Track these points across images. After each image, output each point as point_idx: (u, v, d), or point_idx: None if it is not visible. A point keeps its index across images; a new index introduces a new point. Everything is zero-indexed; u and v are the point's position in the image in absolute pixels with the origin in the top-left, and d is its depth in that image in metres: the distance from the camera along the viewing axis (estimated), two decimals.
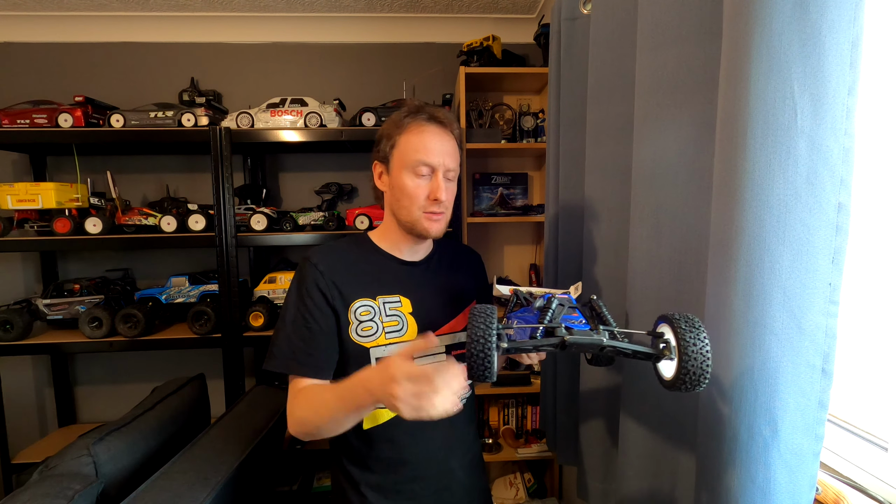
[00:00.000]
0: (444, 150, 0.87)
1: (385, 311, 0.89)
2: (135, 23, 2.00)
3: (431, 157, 0.86)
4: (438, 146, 0.87)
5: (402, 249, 0.95)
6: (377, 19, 2.06)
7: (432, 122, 0.88)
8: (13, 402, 1.95)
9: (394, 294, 0.91)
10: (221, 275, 1.75)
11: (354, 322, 0.86)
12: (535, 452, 1.91)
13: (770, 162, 0.55)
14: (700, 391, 0.56)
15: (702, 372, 0.53)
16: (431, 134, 0.87)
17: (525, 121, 1.94)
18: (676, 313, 0.59)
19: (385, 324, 0.88)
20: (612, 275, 1.03)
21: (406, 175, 0.87)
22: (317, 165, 2.12)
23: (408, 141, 0.87)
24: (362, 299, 0.88)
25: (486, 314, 0.53)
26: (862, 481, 0.68)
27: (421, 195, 0.87)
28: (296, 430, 0.83)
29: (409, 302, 0.91)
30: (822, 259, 0.54)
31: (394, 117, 0.90)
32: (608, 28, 0.99)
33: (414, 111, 0.89)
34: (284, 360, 0.84)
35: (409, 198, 0.87)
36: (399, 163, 0.88)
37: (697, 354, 0.53)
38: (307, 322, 0.85)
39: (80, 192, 1.80)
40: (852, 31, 0.50)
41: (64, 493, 0.87)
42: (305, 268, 0.88)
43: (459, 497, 0.96)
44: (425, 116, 0.88)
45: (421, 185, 0.87)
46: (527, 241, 2.23)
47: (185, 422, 1.32)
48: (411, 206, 0.87)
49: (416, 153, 0.86)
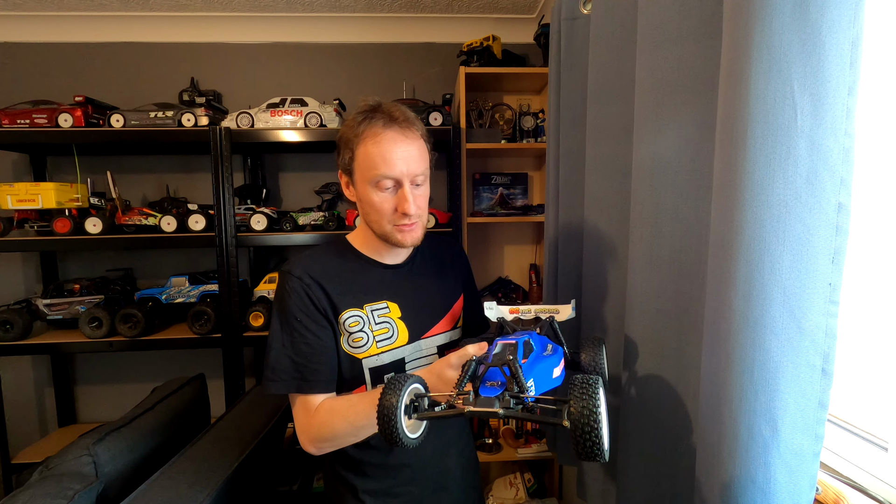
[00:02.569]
0: (407, 157, 0.80)
1: (374, 318, 0.86)
2: (135, 23, 2.00)
3: (392, 169, 0.79)
4: (399, 154, 0.79)
5: (383, 254, 0.91)
6: (377, 19, 2.06)
7: (390, 127, 0.79)
8: (13, 402, 1.95)
9: (381, 300, 0.87)
10: (221, 275, 1.75)
11: (345, 333, 0.84)
12: (534, 452, 1.91)
13: (770, 162, 0.55)
14: (602, 461, 0.50)
15: (586, 444, 0.47)
16: (389, 141, 0.79)
17: (525, 121, 1.94)
18: (580, 376, 0.53)
19: (375, 332, 0.85)
20: (613, 274, 1.03)
21: (369, 189, 0.81)
22: (317, 165, 2.12)
23: (366, 153, 0.80)
24: (350, 310, 0.84)
25: (399, 383, 0.54)
26: (862, 481, 0.68)
27: (388, 209, 0.81)
28: (315, 447, 0.82)
29: (396, 307, 0.88)
30: (822, 259, 0.54)
31: (349, 121, 0.83)
32: (608, 28, 0.99)
33: (369, 116, 0.80)
34: (291, 382, 0.81)
35: (376, 212, 0.82)
36: (361, 176, 0.82)
37: (581, 426, 0.47)
38: (305, 338, 0.81)
39: (80, 192, 1.80)
40: (852, 31, 0.50)
41: (64, 493, 0.87)
42: (290, 281, 0.83)
43: (457, 496, 0.96)
44: (381, 122, 0.80)
45: (387, 199, 0.81)
46: (527, 241, 2.23)
47: (185, 422, 1.32)
48: (380, 219, 0.83)
49: (375, 168, 0.79)
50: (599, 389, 0.49)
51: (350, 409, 0.79)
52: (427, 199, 0.87)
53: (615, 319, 1.02)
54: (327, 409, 0.80)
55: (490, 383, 0.57)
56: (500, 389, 0.55)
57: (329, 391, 0.84)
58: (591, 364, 0.75)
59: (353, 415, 0.77)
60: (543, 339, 0.72)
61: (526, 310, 0.80)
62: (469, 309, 1.02)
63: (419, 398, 0.55)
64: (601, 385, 0.51)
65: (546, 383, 0.63)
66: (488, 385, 0.57)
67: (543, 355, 0.66)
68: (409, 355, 0.89)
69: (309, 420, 0.81)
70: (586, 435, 0.47)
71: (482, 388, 0.56)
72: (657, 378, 0.86)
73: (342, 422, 0.78)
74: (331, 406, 0.80)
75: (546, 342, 0.72)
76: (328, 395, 0.84)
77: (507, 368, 0.55)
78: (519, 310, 0.80)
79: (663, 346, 0.84)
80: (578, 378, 0.51)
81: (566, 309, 0.79)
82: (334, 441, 0.81)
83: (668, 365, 0.84)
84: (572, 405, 0.48)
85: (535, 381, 0.59)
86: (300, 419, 0.82)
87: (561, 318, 0.79)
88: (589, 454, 0.48)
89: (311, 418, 0.81)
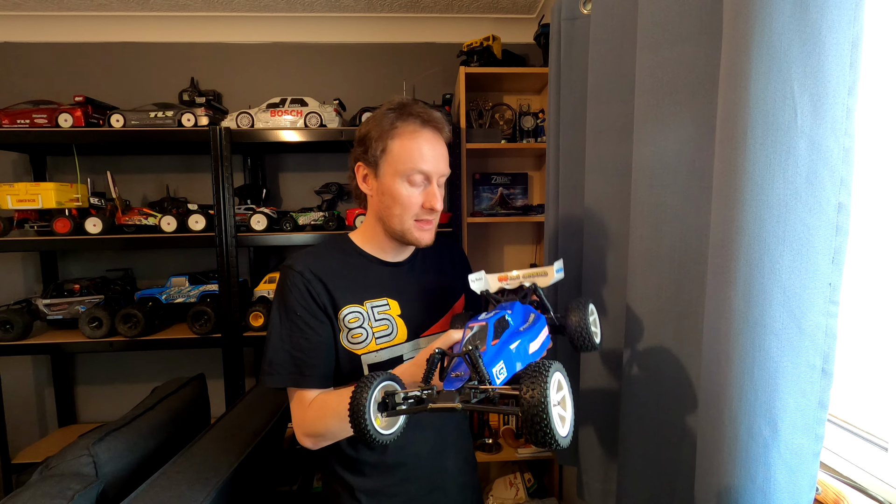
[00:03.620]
0: (438, 156, 0.84)
1: (374, 315, 0.87)
2: (135, 23, 2.00)
3: (428, 164, 0.82)
4: (434, 152, 0.83)
5: (387, 251, 0.92)
6: (377, 19, 2.06)
7: (426, 127, 0.84)
8: (13, 402, 1.95)
9: (381, 297, 0.88)
10: (221, 275, 1.75)
11: (344, 329, 0.85)
12: (534, 452, 1.91)
13: (770, 162, 0.55)
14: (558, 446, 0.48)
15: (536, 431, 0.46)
16: (426, 140, 0.83)
17: (525, 121, 1.94)
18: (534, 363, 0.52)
19: (374, 329, 0.86)
20: (613, 274, 1.03)
21: (399, 183, 0.83)
22: (317, 165, 2.12)
23: (402, 147, 0.82)
24: (350, 305, 0.85)
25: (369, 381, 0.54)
26: (862, 481, 0.68)
27: (415, 204, 0.84)
28: (310, 441, 0.82)
29: (396, 304, 0.89)
30: (822, 259, 0.54)
31: (379, 117, 0.85)
32: (608, 28, 0.99)
33: (405, 113, 0.84)
34: (288, 376, 0.82)
35: (402, 206, 0.84)
36: (391, 169, 0.83)
37: (529, 411, 0.46)
38: (304, 333, 0.83)
39: (80, 192, 1.80)
40: (852, 31, 0.50)
41: (64, 493, 0.87)
42: (291, 276, 0.84)
43: (454, 495, 0.96)
44: (419, 121, 0.83)
45: (415, 194, 0.84)
46: (527, 241, 2.23)
47: (185, 422, 1.32)
48: (404, 214, 0.84)
49: (411, 161, 0.82)
50: (551, 375, 0.48)
51: (340, 404, 0.79)
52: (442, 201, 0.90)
53: (615, 319, 1.02)
54: (320, 403, 0.81)
55: (455, 374, 0.57)
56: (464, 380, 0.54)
57: (325, 386, 0.84)
58: (577, 327, 0.73)
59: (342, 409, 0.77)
60: (526, 309, 0.72)
61: (514, 276, 0.80)
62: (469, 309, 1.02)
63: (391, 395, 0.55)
64: (555, 370, 0.50)
65: (522, 359, 0.62)
66: (453, 376, 0.56)
67: (520, 330, 0.65)
68: (408, 353, 0.89)
69: (304, 414, 0.82)
70: (535, 420, 0.46)
71: (446, 381, 0.56)
72: (657, 378, 0.86)
73: (332, 416, 0.78)
74: (323, 401, 0.81)
75: (528, 312, 0.72)
76: (324, 389, 0.84)
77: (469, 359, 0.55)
78: (507, 277, 0.80)
79: (663, 345, 0.84)
80: (532, 365, 0.51)
81: (551, 271, 0.78)
82: (326, 435, 0.82)
83: (668, 365, 0.84)
84: (522, 392, 0.47)
85: (506, 362, 0.58)
86: (296, 413, 0.83)
87: (546, 282, 0.78)
88: (541, 441, 0.47)
89: (306, 412, 0.82)
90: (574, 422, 0.53)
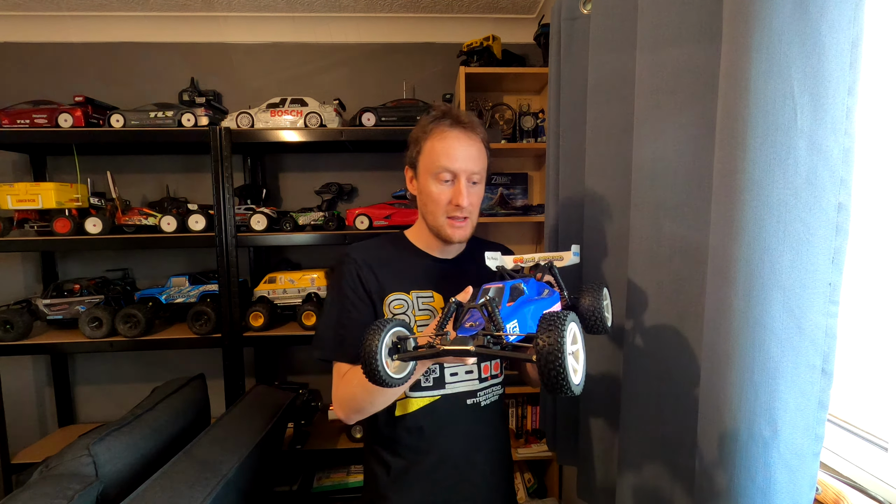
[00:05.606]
0: (468, 155, 0.90)
1: (418, 305, 0.94)
2: (135, 23, 2.00)
3: (453, 162, 0.88)
4: (461, 151, 0.89)
5: (434, 248, 1.00)
6: (377, 19, 2.06)
7: (455, 127, 0.90)
8: (13, 402, 1.94)
9: (427, 289, 0.95)
10: (221, 275, 1.75)
11: (388, 314, 0.92)
12: (535, 452, 1.91)
13: (770, 162, 0.55)
14: (575, 394, 0.49)
15: (551, 376, 0.47)
16: (454, 139, 0.89)
17: (525, 121, 1.94)
18: (550, 312, 0.53)
19: (417, 318, 0.93)
20: (613, 274, 1.03)
21: (430, 181, 0.91)
22: (317, 165, 2.12)
23: (432, 147, 0.90)
24: (396, 293, 0.93)
25: (381, 325, 0.56)
26: (862, 481, 0.68)
27: (443, 201, 0.90)
28: (342, 412, 0.89)
29: (440, 297, 0.95)
30: (822, 259, 0.54)
31: (422, 122, 0.94)
32: (608, 28, 0.99)
33: (439, 116, 0.91)
34: (329, 349, 0.91)
35: (433, 203, 0.91)
36: (424, 168, 0.92)
37: (545, 355, 0.47)
38: (349, 312, 0.90)
39: (80, 192, 1.80)
40: (852, 31, 0.50)
41: (64, 493, 0.87)
42: (346, 261, 0.94)
43: (481, 490, 0.98)
44: (448, 122, 0.90)
45: (444, 191, 0.90)
46: (527, 241, 2.23)
47: (185, 422, 1.32)
48: (436, 210, 0.92)
49: (438, 159, 0.89)
50: (568, 323, 0.49)
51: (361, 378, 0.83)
52: (481, 198, 0.95)
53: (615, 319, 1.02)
54: (352, 374, 0.87)
55: (469, 324, 0.59)
56: (477, 330, 0.56)
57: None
58: (591, 308, 0.74)
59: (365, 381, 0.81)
60: (540, 286, 0.73)
61: (529, 258, 0.81)
62: None
63: (402, 340, 0.58)
64: (571, 320, 0.51)
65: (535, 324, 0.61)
66: (467, 325, 0.58)
67: (535, 298, 0.66)
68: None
69: (337, 384, 0.89)
70: (550, 366, 0.47)
71: (460, 329, 0.58)
72: (657, 377, 0.86)
73: (359, 387, 0.83)
74: (354, 373, 0.86)
75: (542, 288, 0.73)
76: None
77: (486, 309, 0.56)
78: (523, 258, 0.82)
79: (663, 345, 0.84)
80: (549, 313, 0.51)
81: (568, 255, 0.79)
82: (353, 405, 0.86)
83: (667, 364, 0.84)
84: (539, 338, 0.48)
85: (520, 322, 0.59)
86: (335, 385, 0.90)
87: (562, 263, 0.79)
88: (555, 386, 0.48)
89: (339, 382, 0.89)
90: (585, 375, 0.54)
